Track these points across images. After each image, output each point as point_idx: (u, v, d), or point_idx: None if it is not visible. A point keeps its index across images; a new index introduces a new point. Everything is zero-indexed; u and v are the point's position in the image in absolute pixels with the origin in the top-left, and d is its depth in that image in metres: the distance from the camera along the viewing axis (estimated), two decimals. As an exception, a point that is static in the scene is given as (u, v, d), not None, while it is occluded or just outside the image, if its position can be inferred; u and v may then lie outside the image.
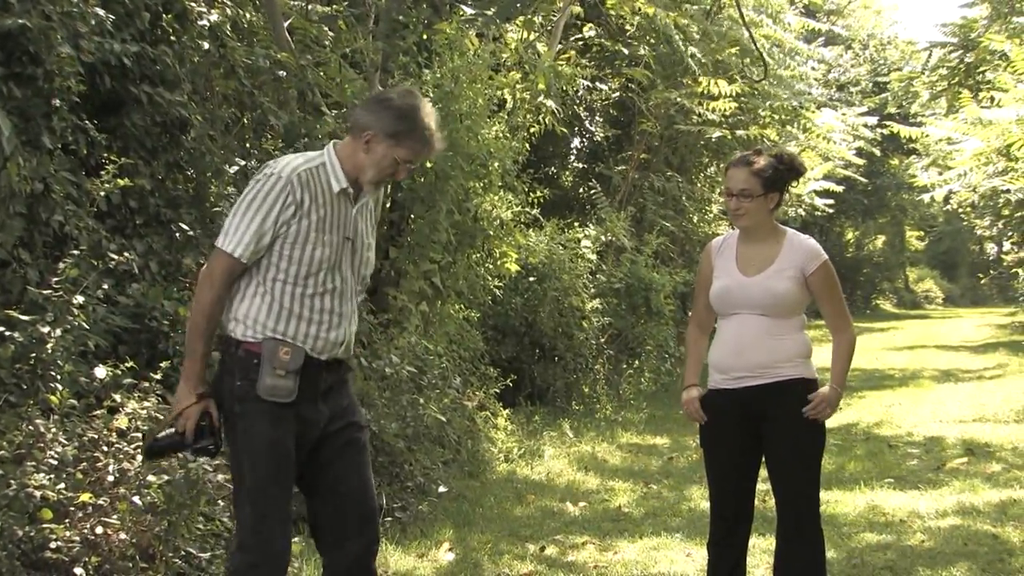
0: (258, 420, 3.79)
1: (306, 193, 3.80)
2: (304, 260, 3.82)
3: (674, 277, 15.98)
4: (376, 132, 3.87)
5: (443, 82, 9.37)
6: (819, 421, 4.57)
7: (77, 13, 6.27)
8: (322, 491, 3.99)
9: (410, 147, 3.91)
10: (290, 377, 3.79)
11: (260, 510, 3.81)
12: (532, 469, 9.67)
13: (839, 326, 4.69)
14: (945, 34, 26.51)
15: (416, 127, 3.90)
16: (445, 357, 9.66)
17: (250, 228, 3.76)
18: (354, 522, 3.98)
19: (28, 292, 5.50)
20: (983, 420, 12.07)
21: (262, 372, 3.78)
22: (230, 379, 3.84)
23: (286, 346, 3.80)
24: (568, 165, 20.86)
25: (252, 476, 3.82)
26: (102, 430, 5.18)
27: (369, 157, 3.89)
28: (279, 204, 3.76)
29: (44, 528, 4.61)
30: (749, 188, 4.58)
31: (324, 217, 3.84)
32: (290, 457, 3.85)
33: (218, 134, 7.94)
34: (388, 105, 3.91)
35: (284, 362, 3.78)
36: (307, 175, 3.83)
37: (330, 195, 3.87)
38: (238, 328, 3.84)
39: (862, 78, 38.40)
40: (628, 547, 6.90)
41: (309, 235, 3.81)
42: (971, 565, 6.20)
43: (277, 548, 3.83)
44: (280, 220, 3.77)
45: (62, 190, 6.01)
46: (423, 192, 9.33)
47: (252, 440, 3.80)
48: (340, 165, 3.91)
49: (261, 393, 3.77)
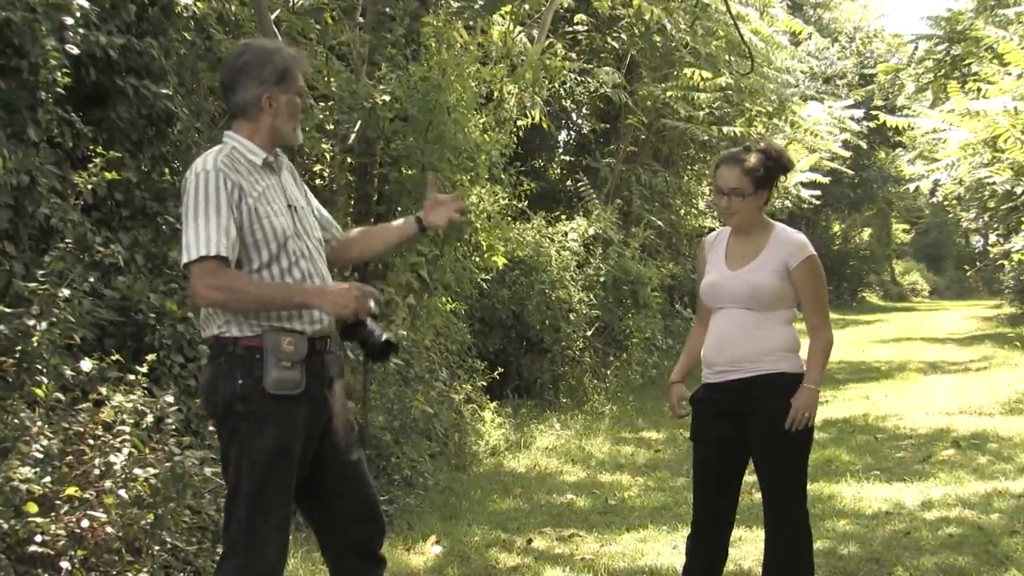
0: (265, 422, 3.69)
1: (240, 175, 3.75)
2: (269, 236, 3.75)
3: (661, 270, 16.02)
4: (268, 91, 3.84)
5: (430, 75, 9.35)
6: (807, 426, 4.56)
7: (62, 5, 6.24)
8: (322, 490, 3.93)
9: (296, 76, 3.90)
10: (296, 368, 3.71)
11: (257, 517, 3.71)
12: (519, 462, 9.68)
13: (816, 325, 4.63)
14: (931, 26, 26.57)
15: (286, 58, 3.90)
16: (432, 350, 9.67)
17: (211, 225, 3.63)
18: (357, 519, 3.96)
19: (13, 285, 5.49)
20: (969, 412, 12.10)
21: (267, 365, 3.68)
22: (228, 381, 3.71)
23: (289, 335, 3.72)
24: (556, 158, 20.86)
25: (251, 481, 3.70)
26: (88, 423, 5.16)
27: (281, 112, 3.87)
28: (224, 191, 3.67)
29: (30, 522, 4.59)
30: (741, 188, 4.57)
31: (264, 191, 3.80)
32: (294, 462, 3.77)
33: (204, 127, 7.92)
34: (252, 67, 3.86)
35: (289, 353, 3.70)
36: (228, 160, 3.78)
37: (256, 171, 3.82)
38: (231, 327, 3.73)
39: (848, 71, 38.51)
40: (615, 539, 6.92)
41: (259, 210, 3.74)
42: (957, 556, 6.22)
43: (271, 559, 3.74)
44: (233, 206, 3.68)
45: (48, 183, 5.99)
46: (410, 185, 9.31)
47: (256, 443, 3.69)
48: (250, 142, 3.87)
49: (269, 387, 3.66)
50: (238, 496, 3.74)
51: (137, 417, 5.32)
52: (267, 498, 3.72)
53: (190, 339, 6.45)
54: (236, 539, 3.74)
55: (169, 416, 5.56)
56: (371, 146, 9.72)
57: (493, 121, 10.80)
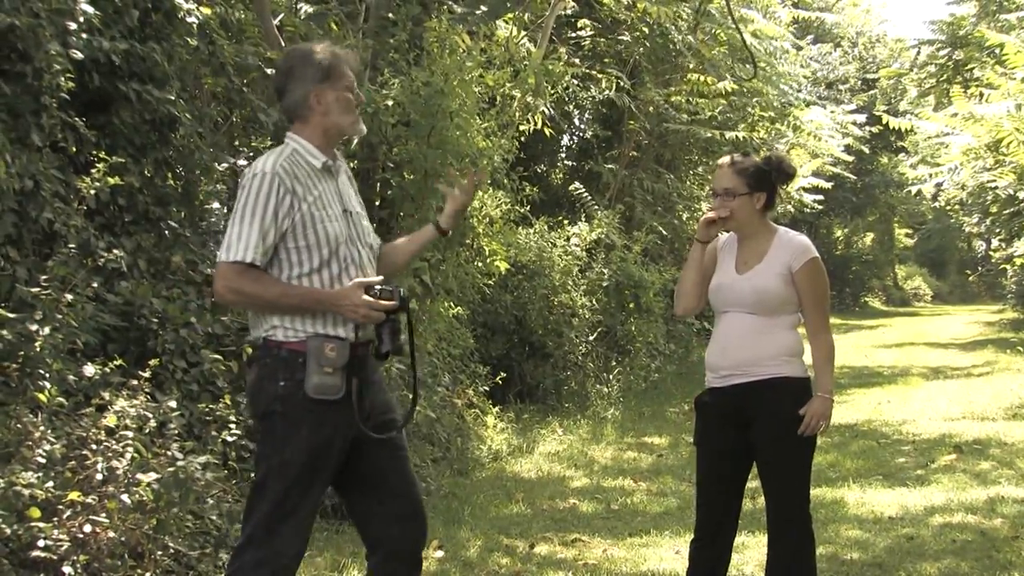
0: (301, 424, 3.73)
1: (295, 180, 3.79)
2: (322, 241, 3.80)
3: (663, 275, 15.99)
4: (314, 90, 3.90)
5: (433, 80, 9.36)
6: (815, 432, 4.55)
7: (66, 10, 6.25)
8: (366, 490, 3.96)
9: (343, 72, 3.94)
10: (337, 374, 3.75)
11: (280, 513, 3.74)
12: (521, 467, 9.68)
13: (816, 329, 4.62)
14: (933, 31, 26.60)
15: (329, 56, 3.94)
16: (435, 355, 9.67)
17: (253, 230, 3.71)
18: (401, 519, 3.95)
19: (17, 290, 5.49)
20: (972, 417, 12.09)
21: (309, 370, 3.72)
22: (271, 382, 3.77)
23: (332, 342, 3.76)
24: (558, 163, 20.85)
25: (280, 479, 3.74)
26: (91, 428, 5.17)
27: (332, 108, 3.92)
28: (275, 198, 3.74)
29: (33, 527, 4.60)
30: (733, 187, 4.58)
31: (320, 196, 3.84)
32: (326, 468, 3.82)
33: (207, 132, 7.93)
34: (297, 69, 3.93)
35: (331, 359, 3.74)
36: (288, 164, 3.83)
37: (315, 175, 3.87)
38: (278, 332, 3.79)
39: (851, 76, 38.52)
40: (618, 544, 6.92)
41: (315, 215, 3.79)
42: (959, 561, 6.22)
43: (288, 556, 3.77)
44: (280, 214, 3.74)
45: (51, 188, 6.00)
46: (412, 190, 9.32)
47: (290, 444, 3.73)
48: (309, 144, 3.92)
49: (309, 391, 3.71)
50: (264, 492, 3.77)
51: (140, 422, 5.33)
52: (293, 498, 3.76)
53: (193, 344, 6.46)
54: (255, 533, 3.75)
55: (172, 421, 5.57)
56: (374, 151, 9.73)
57: (496, 126, 10.80)
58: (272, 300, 3.78)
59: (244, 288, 3.73)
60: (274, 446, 3.78)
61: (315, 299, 3.78)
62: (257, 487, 3.82)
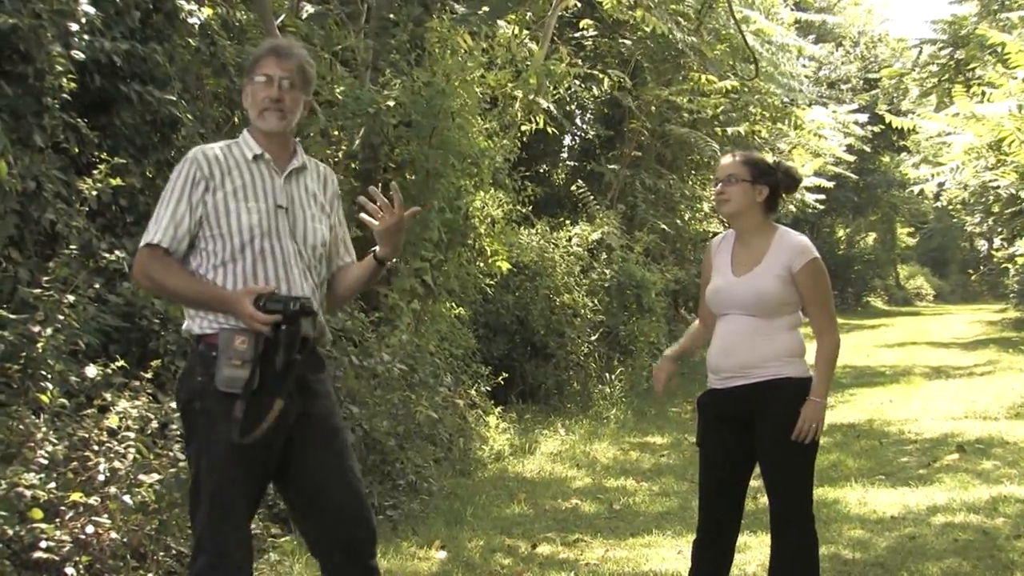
0: (220, 419, 3.64)
1: (215, 167, 3.78)
2: (234, 230, 3.74)
3: (665, 275, 16.00)
4: (245, 86, 3.95)
5: (434, 80, 9.36)
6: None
7: (67, 11, 6.25)
8: (304, 500, 3.86)
9: (259, 63, 3.92)
10: (247, 367, 3.66)
11: (217, 513, 3.68)
12: (524, 467, 9.68)
13: (822, 329, 4.59)
14: (935, 31, 26.58)
15: (259, 49, 4.00)
16: (436, 355, 9.66)
17: (167, 213, 3.73)
18: (343, 529, 3.84)
19: (19, 291, 5.49)
20: (974, 416, 12.08)
21: (219, 363, 3.66)
22: (191, 377, 3.75)
23: (242, 335, 3.68)
24: (560, 163, 20.85)
25: (209, 478, 3.68)
26: (92, 429, 5.17)
27: (247, 103, 3.93)
28: (189, 183, 3.75)
29: (35, 528, 4.60)
30: (735, 173, 4.57)
31: (243, 186, 3.80)
32: (253, 460, 3.70)
33: (208, 133, 7.93)
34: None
35: (240, 351, 3.66)
36: (220, 151, 3.83)
37: (246, 165, 3.85)
38: (195, 324, 3.77)
39: (852, 75, 38.51)
40: (620, 545, 6.91)
41: (228, 204, 3.76)
42: (961, 561, 6.21)
43: (235, 556, 3.69)
44: (195, 199, 3.73)
45: (53, 188, 6.00)
46: (414, 190, 9.33)
47: (212, 440, 3.66)
48: (250, 136, 3.92)
49: (219, 385, 3.64)
50: (199, 492, 3.72)
51: (142, 423, 5.33)
52: (226, 496, 3.68)
53: (194, 345, 6.45)
54: (202, 537, 3.71)
55: (173, 422, 5.56)
56: (375, 152, 9.74)
57: (497, 126, 10.81)
58: (175, 290, 3.79)
59: (152, 273, 3.74)
60: (198, 443, 3.74)
61: (217, 298, 3.73)
62: (192, 488, 3.78)
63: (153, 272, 3.74)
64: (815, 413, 4.47)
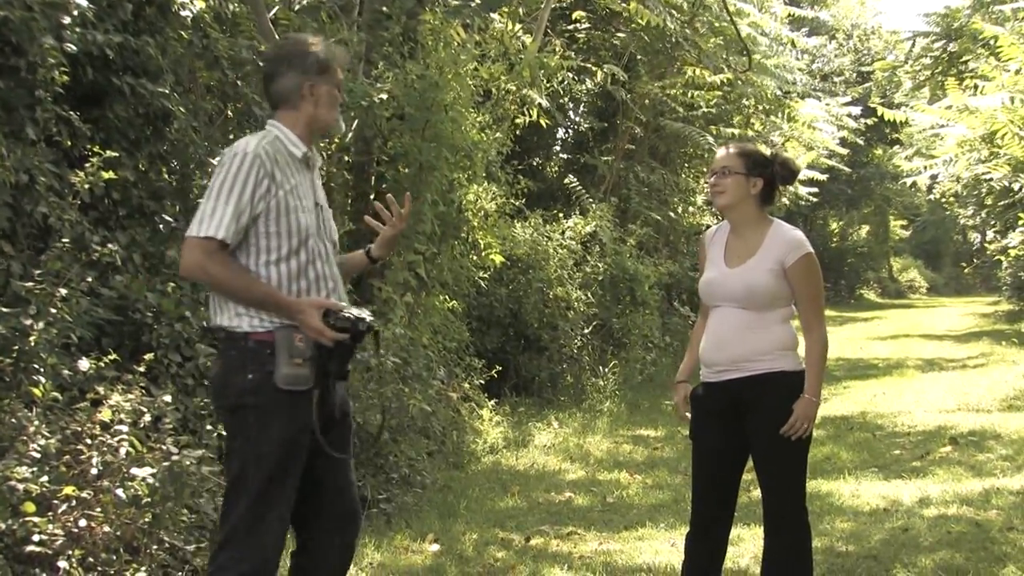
0: (275, 415, 3.70)
1: (275, 166, 3.78)
2: (293, 231, 3.79)
3: (659, 268, 16.01)
4: (310, 80, 3.92)
5: (427, 73, 9.35)
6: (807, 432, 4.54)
7: (60, 4, 6.23)
8: (308, 485, 3.90)
9: (335, 69, 3.99)
10: (307, 365, 3.74)
11: (259, 511, 3.72)
12: (517, 460, 9.68)
13: (810, 325, 4.58)
14: (928, 23, 26.61)
15: (325, 51, 3.99)
16: (430, 348, 9.66)
17: (228, 208, 3.68)
18: (336, 521, 3.95)
19: (11, 284, 5.48)
20: (967, 409, 12.11)
21: (279, 362, 3.70)
22: (238, 375, 3.74)
23: (300, 332, 3.73)
24: (553, 156, 20.84)
25: (256, 475, 3.71)
26: (85, 423, 5.16)
27: (321, 101, 3.94)
28: (253, 180, 3.71)
29: (27, 521, 4.59)
30: (730, 165, 4.57)
31: (297, 186, 3.84)
32: (301, 457, 3.79)
33: (201, 125, 7.91)
34: (293, 57, 3.96)
35: (301, 349, 3.73)
36: (271, 148, 3.81)
37: (294, 164, 3.87)
38: (243, 321, 3.76)
39: (846, 68, 38.53)
40: (614, 537, 6.92)
41: (289, 204, 3.78)
42: (954, 553, 6.22)
43: (268, 551, 3.75)
44: (257, 196, 3.72)
45: (46, 182, 5.97)
46: (407, 183, 9.31)
47: (263, 437, 3.70)
48: (291, 133, 3.92)
49: (280, 383, 3.69)
50: (241, 489, 3.75)
51: (135, 416, 5.31)
52: (272, 492, 3.74)
53: (187, 338, 6.44)
54: (236, 531, 3.73)
55: (167, 415, 5.55)
56: (368, 145, 9.73)
57: (490, 119, 10.80)
58: (235, 290, 3.76)
59: (210, 268, 3.70)
60: (248, 440, 3.75)
61: (276, 303, 3.75)
62: (234, 483, 3.79)
63: (212, 267, 3.69)
64: (808, 411, 4.47)
